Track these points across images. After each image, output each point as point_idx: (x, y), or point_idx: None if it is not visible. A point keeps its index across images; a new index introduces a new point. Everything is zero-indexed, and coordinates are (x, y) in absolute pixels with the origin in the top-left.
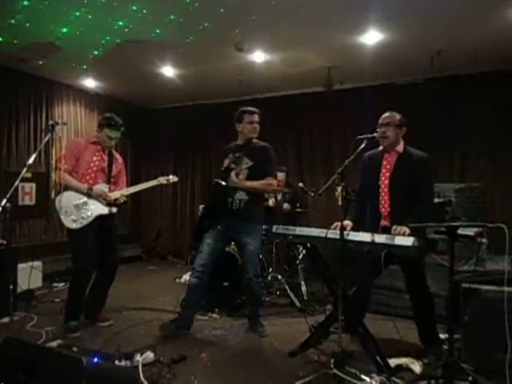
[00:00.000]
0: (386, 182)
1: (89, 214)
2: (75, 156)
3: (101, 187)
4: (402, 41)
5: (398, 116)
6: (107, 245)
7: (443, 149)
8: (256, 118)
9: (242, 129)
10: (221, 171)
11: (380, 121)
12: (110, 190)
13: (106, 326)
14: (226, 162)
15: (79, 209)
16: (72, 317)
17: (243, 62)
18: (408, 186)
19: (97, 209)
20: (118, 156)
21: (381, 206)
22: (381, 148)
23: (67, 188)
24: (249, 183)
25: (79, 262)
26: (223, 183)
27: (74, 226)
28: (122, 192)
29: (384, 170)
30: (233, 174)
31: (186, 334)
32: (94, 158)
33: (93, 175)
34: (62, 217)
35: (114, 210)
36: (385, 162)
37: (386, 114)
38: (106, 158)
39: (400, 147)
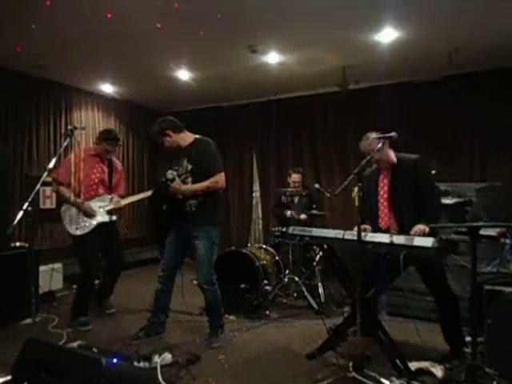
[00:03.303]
0: (385, 196)
1: (90, 221)
2: (76, 168)
3: (91, 204)
4: (418, 38)
5: (373, 137)
6: (110, 249)
7: (463, 148)
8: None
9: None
10: (166, 178)
11: (364, 150)
12: (111, 199)
13: (111, 313)
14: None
15: (82, 217)
16: (81, 314)
17: (257, 64)
18: (408, 193)
19: (98, 217)
20: (117, 163)
21: (380, 220)
22: (375, 166)
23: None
24: (194, 187)
25: (85, 265)
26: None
27: (77, 232)
28: (115, 205)
29: (382, 184)
30: (178, 181)
31: (223, 343)
32: (94, 171)
33: (94, 187)
34: (66, 225)
35: (114, 217)
36: (382, 176)
37: (364, 143)
38: (106, 168)
39: (392, 158)
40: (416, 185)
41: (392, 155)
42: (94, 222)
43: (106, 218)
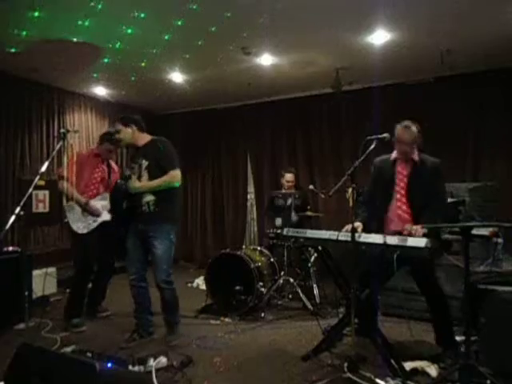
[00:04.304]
0: (403, 191)
1: (95, 220)
2: (79, 168)
3: (96, 203)
4: (410, 40)
5: (415, 131)
6: (107, 247)
7: (456, 148)
8: (118, 126)
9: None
10: (123, 176)
11: (398, 137)
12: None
13: (105, 316)
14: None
15: (86, 215)
16: (75, 315)
17: (251, 66)
18: (424, 192)
19: (102, 215)
20: (114, 165)
21: (391, 213)
22: (393, 155)
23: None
24: (150, 183)
25: (83, 264)
26: (131, 189)
27: (81, 231)
28: None
29: (401, 176)
30: (134, 178)
31: (182, 338)
32: (97, 170)
33: (96, 185)
34: (71, 222)
35: None
36: (399, 168)
37: (404, 132)
38: (106, 168)
39: (415, 155)
40: (429, 186)
41: (415, 153)
42: (99, 220)
43: (108, 217)
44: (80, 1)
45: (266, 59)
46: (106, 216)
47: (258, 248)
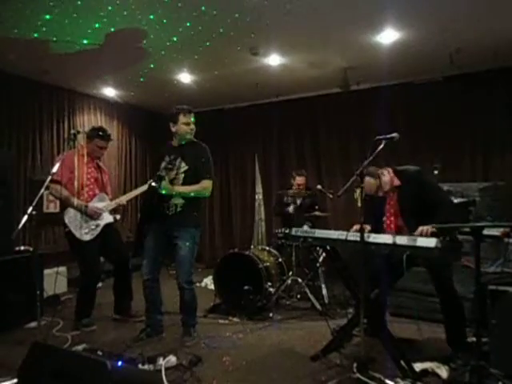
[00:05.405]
0: (392, 218)
1: (97, 224)
2: (70, 169)
3: (95, 205)
4: (419, 39)
5: (370, 181)
6: (114, 248)
7: (465, 148)
8: (192, 118)
9: (177, 130)
10: (157, 175)
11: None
12: (111, 198)
13: (139, 321)
14: (163, 166)
15: (88, 220)
16: (84, 315)
17: (259, 66)
18: (416, 208)
19: (104, 218)
20: (102, 166)
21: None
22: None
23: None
24: (182, 189)
25: (89, 270)
26: (162, 191)
27: (86, 238)
28: (117, 202)
29: (388, 207)
30: (167, 180)
31: (197, 340)
32: (89, 170)
33: (91, 186)
34: (74, 230)
35: (118, 217)
36: (388, 199)
37: (368, 187)
38: (96, 167)
39: (395, 183)
40: (422, 197)
41: (394, 179)
42: (102, 224)
43: (110, 219)
44: (91, 4)
45: (273, 59)
46: (108, 218)
47: (267, 248)
